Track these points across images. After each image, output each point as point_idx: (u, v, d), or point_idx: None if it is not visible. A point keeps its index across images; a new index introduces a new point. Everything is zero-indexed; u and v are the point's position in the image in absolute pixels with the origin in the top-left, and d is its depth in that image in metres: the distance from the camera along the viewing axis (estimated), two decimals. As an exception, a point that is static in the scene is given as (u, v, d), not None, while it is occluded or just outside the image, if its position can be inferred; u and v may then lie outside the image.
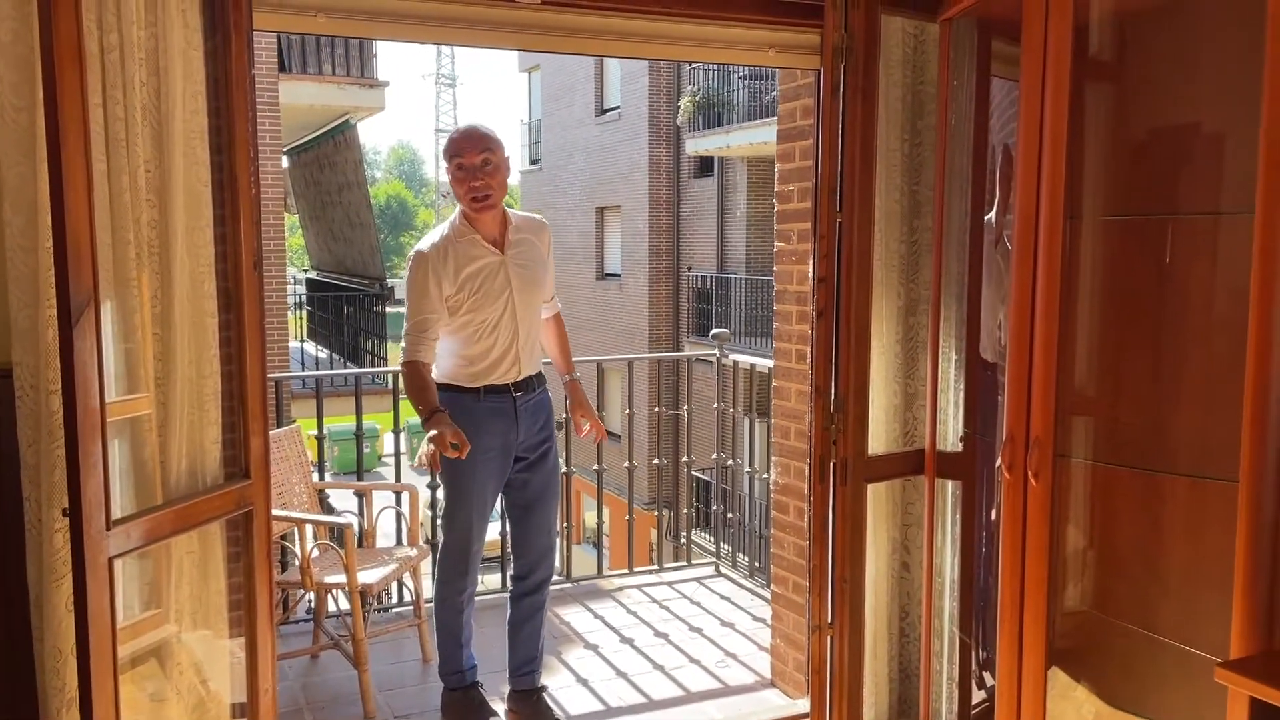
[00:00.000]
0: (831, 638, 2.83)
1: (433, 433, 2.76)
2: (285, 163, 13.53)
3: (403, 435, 4.56)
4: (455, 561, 3.05)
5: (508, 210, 3.05)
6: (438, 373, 3.01)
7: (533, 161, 20.73)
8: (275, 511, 2.94)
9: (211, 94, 2.25)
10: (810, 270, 2.80)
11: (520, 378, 3.02)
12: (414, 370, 2.91)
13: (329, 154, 13.82)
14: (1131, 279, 2.21)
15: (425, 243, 2.98)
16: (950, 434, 2.81)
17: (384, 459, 19.19)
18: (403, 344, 2.95)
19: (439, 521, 3.00)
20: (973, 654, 2.67)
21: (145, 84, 2.13)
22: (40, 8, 1.81)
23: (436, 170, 47.14)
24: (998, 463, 2.30)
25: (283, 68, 10.35)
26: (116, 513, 2.04)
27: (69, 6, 1.82)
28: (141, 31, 2.11)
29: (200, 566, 2.35)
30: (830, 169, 2.69)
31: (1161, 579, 2.21)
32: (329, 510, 7.74)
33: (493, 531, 3.30)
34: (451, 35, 2.58)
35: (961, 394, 2.78)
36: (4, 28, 1.97)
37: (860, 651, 2.84)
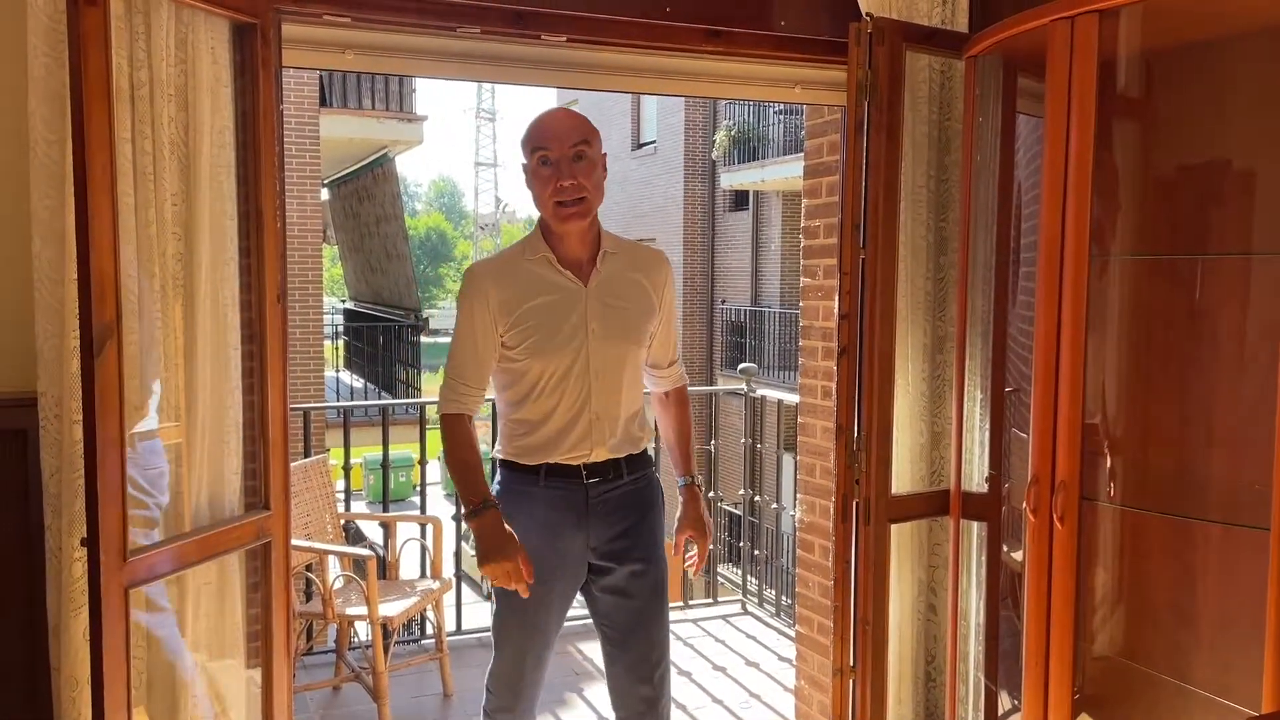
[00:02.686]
0: (854, 681, 2.78)
1: (489, 563, 2.08)
2: (325, 195, 13.75)
3: (430, 466, 4.60)
4: (499, 692, 2.28)
5: (605, 230, 2.26)
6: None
7: (569, 194, 20.86)
8: (296, 542, 2.95)
9: (240, 129, 2.28)
10: (835, 306, 2.78)
11: (593, 459, 2.21)
12: (455, 430, 2.20)
13: (368, 186, 14.03)
14: (1160, 319, 2.16)
15: (487, 260, 2.31)
16: (976, 474, 2.76)
17: (419, 487, 19.24)
18: (441, 387, 2.24)
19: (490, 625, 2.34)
20: (999, 701, 2.60)
21: (174, 119, 2.17)
22: (71, 43, 1.86)
23: (475, 203, 47.59)
24: (1022, 504, 2.26)
25: (323, 102, 10.55)
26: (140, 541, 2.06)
27: (99, 42, 1.86)
28: (172, 68, 2.15)
29: (218, 597, 2.35)
30: (854, 205, 2.67)
31: (1193, 627, 2.14)
32: (359, 540, 7.79)
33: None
34: (478, 71, 2.60)
35: (987, 433, 2.73)
36: (37, 63, 2.01)
37: (883, 696, 2.78)
